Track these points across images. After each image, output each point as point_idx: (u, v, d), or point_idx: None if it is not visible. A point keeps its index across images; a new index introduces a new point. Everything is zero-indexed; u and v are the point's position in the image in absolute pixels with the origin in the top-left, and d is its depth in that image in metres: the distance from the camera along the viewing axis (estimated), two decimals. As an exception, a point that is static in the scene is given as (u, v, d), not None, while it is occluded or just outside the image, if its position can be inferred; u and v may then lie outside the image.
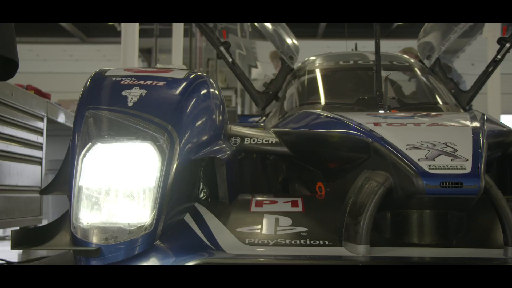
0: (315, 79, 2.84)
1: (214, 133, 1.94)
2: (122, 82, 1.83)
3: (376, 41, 2.19)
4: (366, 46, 3.29)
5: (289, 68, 2.96)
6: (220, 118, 2.06)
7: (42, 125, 3.83)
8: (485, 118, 1.92)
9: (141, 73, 1.95)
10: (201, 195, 1.94)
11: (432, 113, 2.10)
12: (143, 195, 1.59)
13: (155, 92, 1.82)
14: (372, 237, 1.61)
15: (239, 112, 11.62)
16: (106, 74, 1.89)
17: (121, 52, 8.29)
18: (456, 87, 2.87)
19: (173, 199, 1.64)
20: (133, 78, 1.86)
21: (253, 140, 2.03)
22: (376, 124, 1.75)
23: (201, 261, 1.42)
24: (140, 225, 1.54)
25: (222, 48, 2.81)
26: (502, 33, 2.78)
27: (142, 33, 12.13)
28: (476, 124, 1.74)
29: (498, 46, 2.73)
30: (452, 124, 1.77)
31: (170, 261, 1.49)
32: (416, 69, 2.89)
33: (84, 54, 15.62)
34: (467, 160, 1.43)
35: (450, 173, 1.39)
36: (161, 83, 1.87)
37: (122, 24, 8.52)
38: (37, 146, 3.79)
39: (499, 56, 2.78)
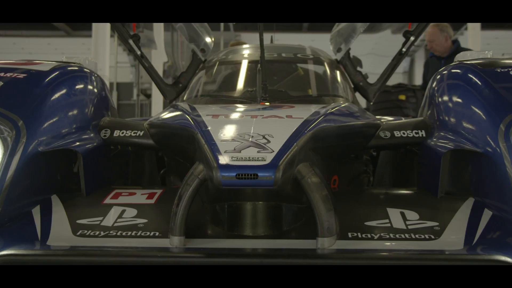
0: (216, 71, 2.86)
1: (79, 125, 1.95)
2: None
3: (260, 37, 2.20)
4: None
5: (200, 60, 2.96)
6: (92, 110, 2.07)
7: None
8: (341, 110, 1.92)
9: (5, 65, 1.97)
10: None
11: (285, 105, 2.10)
12: None
13: (11, 84, 1.84)
14: (209, 229, 1.63)
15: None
16: None
17: (92, 43, 8.25)
18: (364, 80, 2.88)
19: (17, 191, 1.65)
20: None
21: (122, 133, 2.04)
22: (214, 116, 1.75)
23: (7, 252, 1.44)
24: None
25: (131, 41, 2.81)
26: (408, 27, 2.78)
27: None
28: (315, 116, 1.74)
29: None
30: (290, 116, 1.77)
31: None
32: (325, 63, 2.89)
33: (69, 48, 15.62)
34: (272, 151, 1.44)
35: (247, 165, 1.39)
36: (21, 76, 1.89)
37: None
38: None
39: (404, 49, 2.78)
